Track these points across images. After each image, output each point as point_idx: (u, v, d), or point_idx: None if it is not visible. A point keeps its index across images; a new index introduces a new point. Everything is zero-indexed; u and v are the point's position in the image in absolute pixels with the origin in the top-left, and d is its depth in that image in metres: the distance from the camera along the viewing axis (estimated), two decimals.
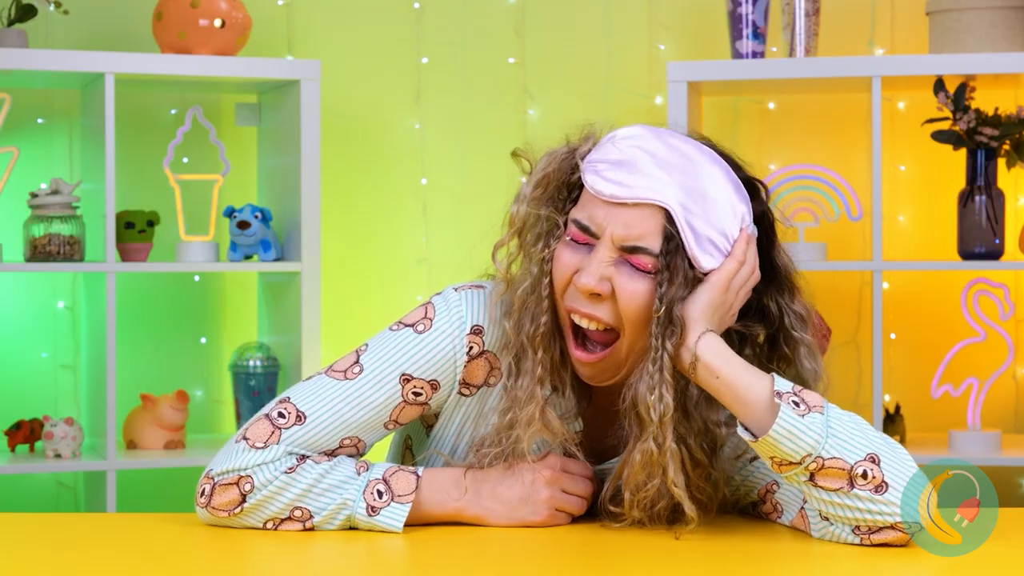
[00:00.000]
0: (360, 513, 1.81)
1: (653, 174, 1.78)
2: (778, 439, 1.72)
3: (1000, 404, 3.84)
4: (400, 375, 1.85)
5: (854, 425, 1.74)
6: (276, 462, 1.82)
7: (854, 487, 1.71)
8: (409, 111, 3.92)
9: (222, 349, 3.87)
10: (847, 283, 3.88)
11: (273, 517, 1.82)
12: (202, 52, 3.52)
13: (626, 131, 1.83)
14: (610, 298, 1.79)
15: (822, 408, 1.73)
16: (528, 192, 1.86)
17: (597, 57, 3.93)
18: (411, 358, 1.86)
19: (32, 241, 3.45)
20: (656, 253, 1.77)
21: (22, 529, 1.91)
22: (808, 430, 1.71)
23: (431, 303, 1.89)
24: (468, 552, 1.76)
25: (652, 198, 1.77)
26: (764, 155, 3.93)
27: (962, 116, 3.51)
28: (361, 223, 3.91)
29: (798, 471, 1.73)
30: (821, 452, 1.71)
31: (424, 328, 1.87)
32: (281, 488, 1.81)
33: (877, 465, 1.71)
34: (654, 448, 1.78)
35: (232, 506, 1.82)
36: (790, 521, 1.84)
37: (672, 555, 1.73)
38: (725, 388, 1.76)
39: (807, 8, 3.61)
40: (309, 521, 1.82)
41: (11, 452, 3.56)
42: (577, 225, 1.81)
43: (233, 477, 1.82)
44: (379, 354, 1.87)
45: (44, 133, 3.76)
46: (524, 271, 1.87)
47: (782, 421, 1.71)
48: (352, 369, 1.86)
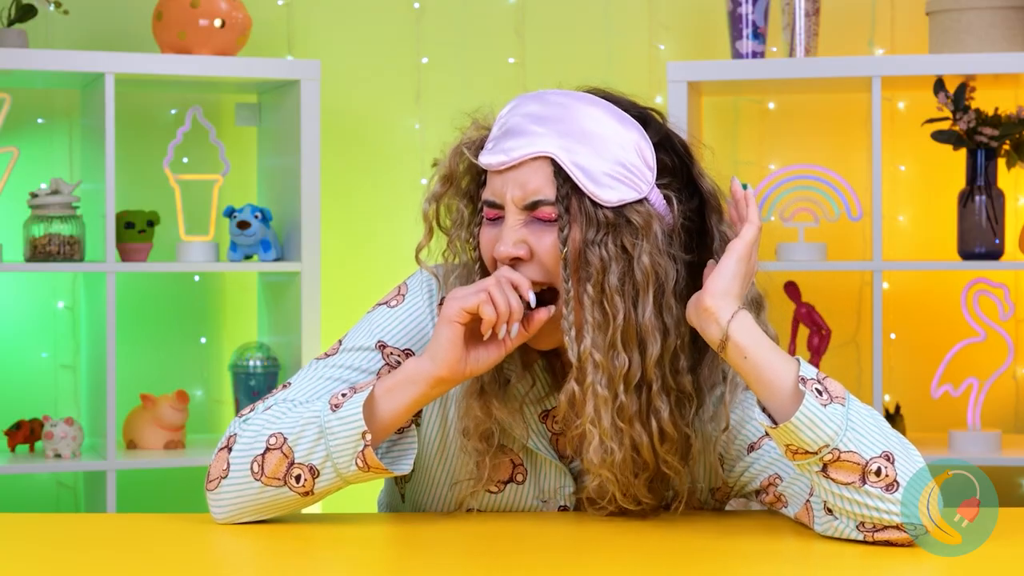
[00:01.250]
0: (326, 415, 1.80)
1: (531, 130, 1.83)
2: (798, 427, 1.71)
3: (1000, 404, 3.84)
4: (376, 342, 1.91)
5: (872, 421, 1.73)
6: (260, 414, 1.86)
7: (866, 483, 1.70)
8: (409, 111, 3.92)
9: (222, 349, 3.87)
10: (847, 283, 3.88)
11: (256, 457, 1.82)
12: (202, 52, 3.52)
13: (508, 104, 1.90)
14: (532, 261, 1.84)
15: (843, 399, 1.73)
16: (437, 189, 1.93)
17: (597, 57, 3.93)
18: (386, 328, 1.93)
19: (32, 241, 3.45)
20: (553, 200, 1.82)
21: (22, 529, 1.91)
22: (829, 420, 1.71)
23: (404, 283, 1.97)
24: (462, 549, 1.76)
25: (533, 151, 1.82)
26: (764, 155, 3.93)
27: (962, 116, 3.51)
28: (361, 223, 3.91)
29: (812, 460, 1.72)
30: (839, 444, 1.71)
31: (397, 303, 1.95)
32: (260, 426, 1.84)
33: (891, 464, 1.71)
34: (575, 388, 1.81)
35: (222, 465, 1.84)
36: (794, 514, 1.84)
37: (673, 554, 1.73)
38: (752, 369, 1.76)
39: (807, 8, 3.61)
40: (287, 447, 1.81)
41: (11, 452, 3.56)
42: (486, 204, 1.87)
43: (223, 443, 1.86)
44: (356, 331, 1.94)
45: (44, 133, 3.76)
46: (458, 260, 1.94)
47: (805, 409, 1.71)
48: (333, 348, 1.94)
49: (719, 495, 1.94)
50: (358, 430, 1.79)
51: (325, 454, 1.80)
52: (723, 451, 1.89)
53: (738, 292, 1.79)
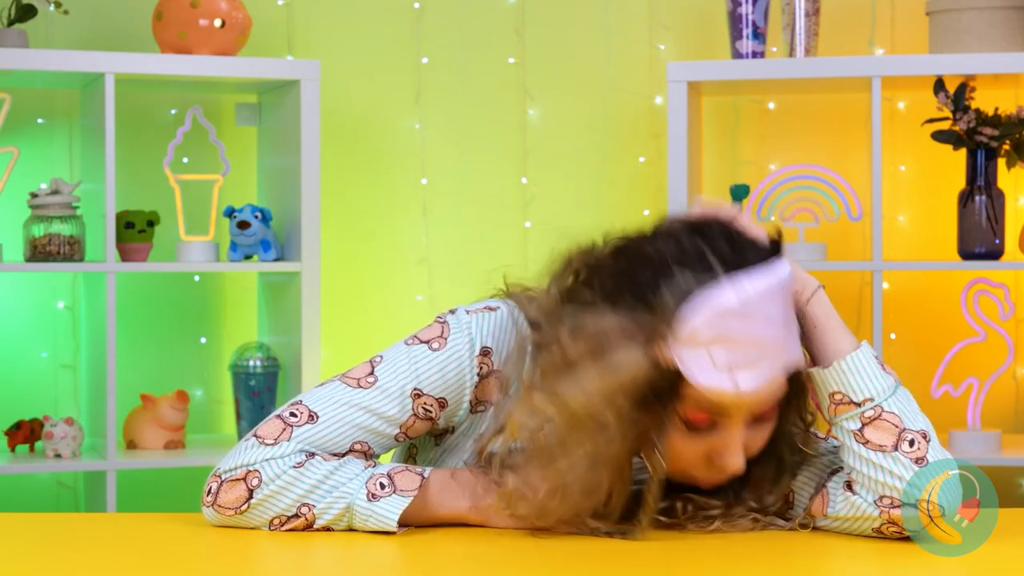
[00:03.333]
0: (360, 501, 1.79)
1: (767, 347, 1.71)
2: (850, 368, 1.75)
3: (1000, 404, 3.84)
4: (412, 389, 1.86)
5: (918, 408, 1.79)
6: (285, 458, 1.82)
7: (898, 449, 1.74)
8: (409, 111, 3.92)
9: (222, 349, 3.87)
10: (847, 283, 3.88)
11: (279, 515, 1.81)
12: (202, 52, 3.52)
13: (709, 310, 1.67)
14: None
15: (897, 379, 1.78)
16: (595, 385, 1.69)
17: (597, 57, 3.94)
18: (424, 374, 1.86)
19: (32, 241, 3.45)
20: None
21: (22, 529, 1.91)
22: (879, 378, 1.76)
23: (446, 322, 1.89)
24: (467, 554, 1.76)
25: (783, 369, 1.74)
26: (764, 155, 3.93)
27: (962, 116, 3.51)
28: (361, 223, 3.91)
29: (853, 415, 1.75)
30: (883, 403, 1.75)
31: (439, 346, 1.87)
32: (289, 483, 1.81)
33: (927, 442, 1.76)
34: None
35: (239, 503, 1.81)
36: (801, 511, 1.83)
37: (678, 554, 1.73)
38: (820, 335, 1.78)
39: (807, 8, 3.61)
40: (311, 515, 1.80)
41: (11, 452, 3.56)
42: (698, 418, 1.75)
43: (241, 472, 1.82)
44: (393, 367, 1.87)
45: (44, 133, 3.76)
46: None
47: (860, 355, 1.75)
48: (367, 379, 1.87)
49: None
50: (390, 526, 1.80)
51: (346, 525, 1.82)
52: None
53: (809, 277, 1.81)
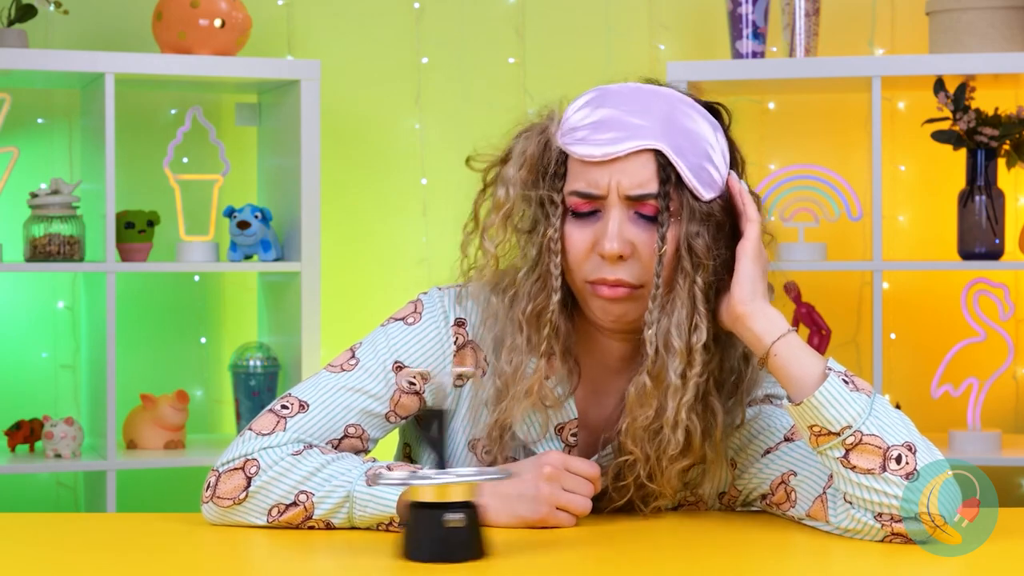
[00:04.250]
0: (359, 487, 1.80)
1: (632, 123, 1.81)
2: (821, 403, 1.73)
3: (1000, 404, 3.84)
4: (393, 363, 1.90)
5: (897, 416, 1.76)
6: (283, 446, 1.84)
7: (886, 470, 1.72)
8: (409, 111, 3.92)
9: (222, 349, 3.87)
10: (847, 283, 3.88)
11: (278, 503, 1.82)
12: (202, 52, 3.52)
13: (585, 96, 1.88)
14: (632, 257, 1.82)
15: (870, 392, 1.75)
16: (513, 174, 1.91)
17: (597, 57, 3.94)
18: (402, 347, 1.91)
19: (32, 241, 3.45)
20: (656, 194, 1.80)
21: (22, 529, 1.91)
22: (852, 402, 1.73)
23: (419, 299, 1.96)
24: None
25: (641, 144, 1.80)
26: (764, 155, 3.93)
27: (962, 116, 3.51)
28: (361, 223, 3.91)
29: (835, 444, 1.73)
30: (861, 427, 1.72)
31: (414, 321, 1.93)
32: (287, 469, 1.82)
33: (913, 454, 1.73)
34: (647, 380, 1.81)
35: (237, 491, 1.82)
36: (805, 511, 1.84)
37: (682, 548, 1.73)
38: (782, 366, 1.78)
39: (807, 8, 3.61)
40: (310, 503, 1.81)
41: (11, 452, 3.56)
42: (579, 195, 1.83)
43: (239, 462, 1.83)
44: (373, 347, 1.92)
45: (44, 133, 3.76)
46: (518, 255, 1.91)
47: (828, 386, 1.73)
48: (348, 362, 1.92)
49: (726, 499, 1.94)
50: (388, 512, 1.80)
51: (347, 517, 1.82)
52: (735, 455, 1.90)
53: (762, 290, 1.81)
